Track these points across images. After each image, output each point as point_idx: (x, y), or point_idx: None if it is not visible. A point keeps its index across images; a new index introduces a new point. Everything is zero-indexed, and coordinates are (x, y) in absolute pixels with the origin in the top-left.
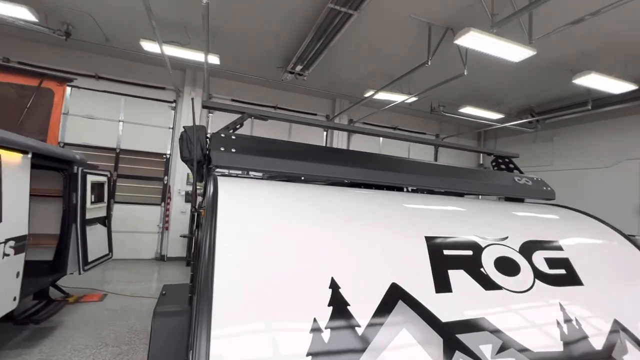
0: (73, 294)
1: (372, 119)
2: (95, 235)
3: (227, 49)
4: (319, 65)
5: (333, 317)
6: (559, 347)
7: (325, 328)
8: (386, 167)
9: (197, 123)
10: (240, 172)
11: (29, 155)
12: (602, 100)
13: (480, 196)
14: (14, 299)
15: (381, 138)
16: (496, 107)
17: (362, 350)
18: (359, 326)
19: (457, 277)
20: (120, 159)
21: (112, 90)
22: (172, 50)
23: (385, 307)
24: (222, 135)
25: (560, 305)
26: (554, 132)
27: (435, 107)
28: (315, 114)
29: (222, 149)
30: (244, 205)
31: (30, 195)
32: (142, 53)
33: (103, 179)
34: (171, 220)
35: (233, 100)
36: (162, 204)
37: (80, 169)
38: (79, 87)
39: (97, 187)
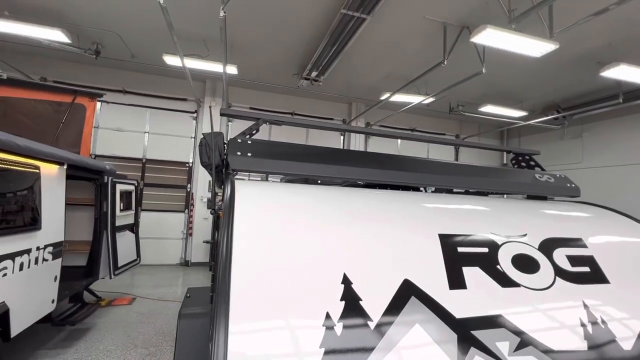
0: (105, 298)
1: (390, 122)
2: (125, 242)
3: (245, 58)
4: (334, 70)
5: (345, 311)
6: (583, 347)
7: (338, 322)
8: (402, 168)
9: (216, 131)
10: (260, 178)
11: (65, 167)
12: (635, 92)
13: (505, 196)
14: (53, 301)
15: (399, 140)
16: (518, 104)
17: (375, 344)
18: (371, 320)
19: (472, 274)
20: (146, 168)
21: (138, 103)
22: (192, 63)
23: (397, 303)
24: (239, 140)
25: (584, 303)
26: (582, 128)
27: (454, 107)
28: (331, 119)
29: (239, 153)
30: (260, 206)
31: (66, 204)
32: (164, 67)
33: (131, 187)
34: (194, 227)
35: (251, 108)
36: (186, 210)
37: (110, 178)
38: (108, 102)
39: (126, 196)
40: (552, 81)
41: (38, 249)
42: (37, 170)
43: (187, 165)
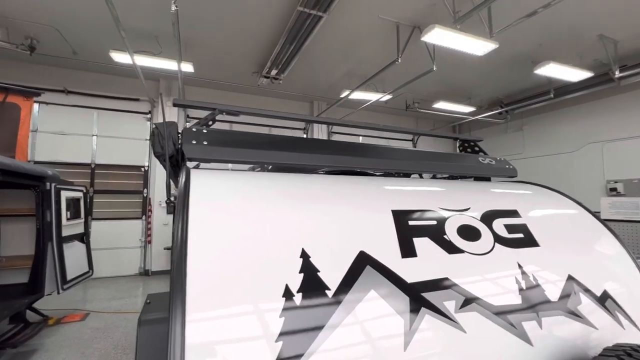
0: (53, 316)
1: (350, 119)
2: (74, 253)
3: (201, 56)
4: (294, 68)
5: (304, 282)
6: (518, 301)
7: (297, 292)
8: (359, 154)
9: (170, 121)
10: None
11: None
12: (563, 88)
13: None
14: None
15: (360, 137)
16: (467, 100)
17: (333, 310)
18: (328, 289)
19: (422, 243)
20: (96, 174)
21: (83, 104)
22: (143, 60)
23: (353, 272)
24: (194, 129)
25: (518, 264)
26: (523, 122)
27: (410, 104)
28: None
29: (194, 142)
30: (215, 192)
31: (0, 215)
32: (112, 65)
33: (79, 194)
34: (153, 234)
35: None
36: (143, 217)
37: (53, 185)
38: (47, 103)
39: (73, 204)
40: (495, 78)
41: None
42: None
43: (143, 169)
